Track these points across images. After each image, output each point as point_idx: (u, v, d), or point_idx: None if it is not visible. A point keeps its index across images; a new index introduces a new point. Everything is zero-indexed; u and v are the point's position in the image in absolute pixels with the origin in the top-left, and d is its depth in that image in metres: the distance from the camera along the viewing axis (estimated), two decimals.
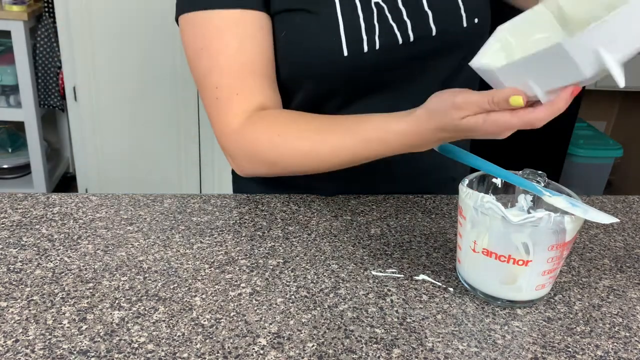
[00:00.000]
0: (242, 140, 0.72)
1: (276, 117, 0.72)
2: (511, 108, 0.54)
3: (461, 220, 0.60)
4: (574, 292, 0.64)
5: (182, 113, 2.07)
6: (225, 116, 0.72)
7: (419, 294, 0.61)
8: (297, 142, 0.70)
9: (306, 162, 0.70)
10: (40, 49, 2.19)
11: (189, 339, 0.53)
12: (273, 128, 0.70)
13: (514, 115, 0.54)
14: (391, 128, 0.64)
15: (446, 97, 0.59)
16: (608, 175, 2.58)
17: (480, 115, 0.56)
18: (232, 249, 0.68)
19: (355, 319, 0.57)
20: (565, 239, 0.55)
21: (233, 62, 0.70)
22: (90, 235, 0.69)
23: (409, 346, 0.53)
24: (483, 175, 0.64)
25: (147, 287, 0.60)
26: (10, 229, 0.70)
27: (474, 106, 0.55)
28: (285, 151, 0.70)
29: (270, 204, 0.80)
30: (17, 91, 2.23)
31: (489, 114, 0.55)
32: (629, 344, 0.56)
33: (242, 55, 0.70)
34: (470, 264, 0.61)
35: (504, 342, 0.55)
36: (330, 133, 0.68)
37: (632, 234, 0.78)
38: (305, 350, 0.52)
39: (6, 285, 0.59)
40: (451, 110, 0.57)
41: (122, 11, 1.93)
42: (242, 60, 0.71)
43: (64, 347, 0.51)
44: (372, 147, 0.66)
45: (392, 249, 0.70)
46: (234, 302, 0.58)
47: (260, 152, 0.71)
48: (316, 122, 0.71)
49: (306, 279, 0.63)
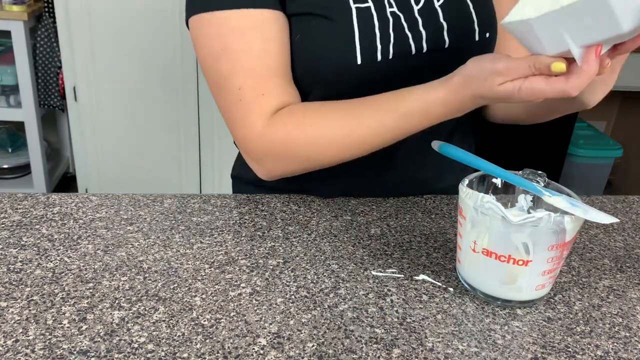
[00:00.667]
0: (272, 141, 0.70)
1: (304, 110, 0.70)
2: (549, 74, 0.55)
3: (461, 220, 0.60)
4: (574, 292, 0.64)
5: (182, 113, 2.07)
6: (249, 118, 0.70)
7: (419, 294, 0.61)
8: (332, 131, 0.68)
9: (344, 150, 0.69)
10: (40, 49, 2.19)
11: (189, 339, 0.53)
12: (304, 120, 0.69)
13: (548, 84, 0.55)
14: (432, 98, 0.64)
15: (486, 64, 0.59)
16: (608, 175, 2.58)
17: (518, 81, 0.57)
18: (232, 249, 0.68)
19: (355, 319, 0.57)
20: (565, 239, 0.55)
21: (257, 64, 0.68)
22: (90, 235, 0.69)
23: (409, 346, 0.53)
24: (483, 175, 0.64)
25: (147, 287, 0.60)
26: (10, 229, 0.70)
27: (515, 72, 0.57)
28: (322, 142, 0.69)
29: (270, 204, 0.80)
30: (17, 91, 2.23)
31: (525, 79, 0.57)
32: (629, 344, 0.56)
33: (265, 56, 0.69)
34: (470, 264, 0.61)
35: (504, 342, 0.55)
36: (367, 116, 0.67)
37: (632, 234, 0.78)
38: (305, 350, 0.52)
39: (6, 285, 0.59)
40: (492, 76, 0.58)
41: (122, 11, 1.94)
42: (266, 62, 0.69)
43: (64, 347, 0.51)
44: (415, 120, 0.66)
45: (392, 249, 0.70)
46: (234, 302, 0.58)
47: (293, 148, 0.69)
48: (348, 108, 0.69)
49: (306, 279, 0.63)
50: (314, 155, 0.70)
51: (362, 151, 0.70)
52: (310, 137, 0.69)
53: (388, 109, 0.66)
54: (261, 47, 0.68)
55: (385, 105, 0.67)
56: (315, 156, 0.70)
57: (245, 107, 0.69)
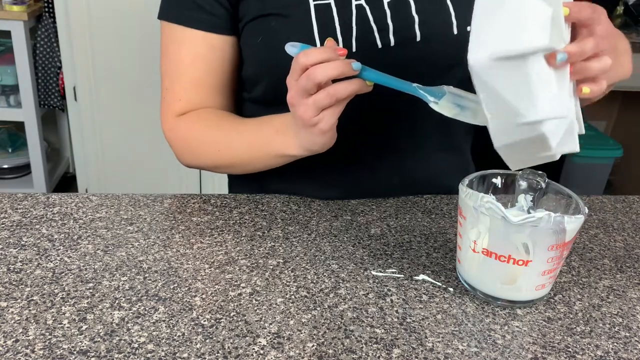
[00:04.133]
0: (176, 132, 0.81)
1: (203, 115, 0.80)
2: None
3: (461, 220, 0.60)
4: (574, 292, 0.64)
5: None
6: (167, 112, 0.81)
7: (419, 294, 0.61)
8: (208, 137, 0.78)
9: (216, 154, 0.78)
10: (40, 49, 2.19)
11: (189, 339, 0.53)
12: (198, 122, 0.79)
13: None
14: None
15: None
16: (608, 175, 2.58)
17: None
18: (232, 249, 0.68)
19: (355, 319, 0.57)
20: (565, 239, 0.55)
21: (183, 74, 0.79)
22: (90, 235, 0.69)
23: (409, 346, 0.53)
24: (483, 175, 0.64)
25: (147, 287, 0.60)
26: (10, 229, 0.70)
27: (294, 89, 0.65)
28: (202, 141, 0.79)
29: (270, 204, 0.80)
30: (17, 91, 2.23)
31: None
32: (629, 344, 0.56)
33: (192, 70, 0.79)
34: (470, 264, 0.61)
35: (504, 342, 0.55)
36: (231, 135, 0.77)
37: (632, 234, 0.78)
38: (305, 350, 0.52)
39: (6, 285, 0.59)
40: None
41: (122, 11, 1.94)
42: (192, 75, 0.79)
43: (64, 347, 0.51)
44: (251, 151, 0.76)
45: (392, 249, 0.70)
46: (234, 302, 0.58)
47: (184, 141, 0.80)
48: (226, 122, 0.78)
49: (306, 279, 0.63)
50: (196, 151, 0.80)
51: (232, 160, 0.78)
52: (196, 135, 0.79)
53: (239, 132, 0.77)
54: (190, 62, 0.78)
55: (240, 129, 0.77)
56: (198, 152, 0.80)
57: (166, 104, 0.81)
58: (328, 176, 0.81)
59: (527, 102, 0.50)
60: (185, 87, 0.79)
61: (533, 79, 0.49)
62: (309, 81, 0.60)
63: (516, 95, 0.51)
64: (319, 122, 0.63)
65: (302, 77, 0.61)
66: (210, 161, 0.80)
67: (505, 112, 0.52)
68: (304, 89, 0.61)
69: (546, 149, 0.53)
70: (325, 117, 0.63)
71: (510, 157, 0.56)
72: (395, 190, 0.83)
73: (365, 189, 0.82)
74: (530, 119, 0.50)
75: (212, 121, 0.79)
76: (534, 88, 0.50)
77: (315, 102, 0.62)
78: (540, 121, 0.50)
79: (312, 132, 0.65)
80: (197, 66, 0.78)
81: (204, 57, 0.78)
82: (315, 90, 0.61)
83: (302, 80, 0.61)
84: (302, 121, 0.64)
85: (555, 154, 0.54)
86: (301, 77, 0.61)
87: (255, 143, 0.74)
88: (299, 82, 0.61)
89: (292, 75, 0.63)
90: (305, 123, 0.64)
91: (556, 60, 0.49)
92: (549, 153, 0.54)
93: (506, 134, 0.54)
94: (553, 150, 0.53)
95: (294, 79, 0.62)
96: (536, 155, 0.55)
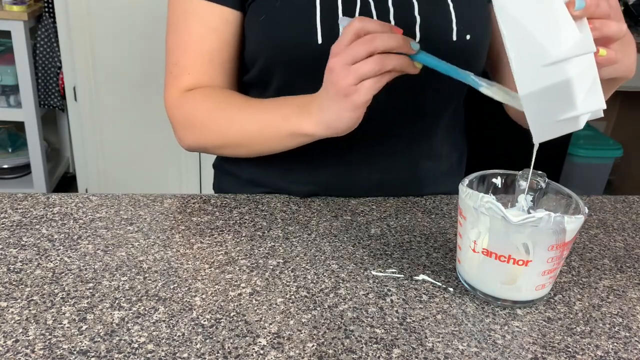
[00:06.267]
0: (182, 109, 0.79)
1: (212, 92, 0.78)
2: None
3: (461, 220, 0.60)
4: (574, 292, 0.64)
5: None
6: (170, 89, 0.79)
7: (419, 294, 0.61)
8: (218, 114, 0.76)
9: (225, 134, 0.76)
10: (40, 49, 2.19)
11: (189, 339, 0.53)
12: (206, 99, 0.77)
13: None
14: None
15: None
16: (608, 175, 2.58)
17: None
18: (232, 249, 0.68)
19: (355, 319, 0.57)
20: (565, 239, 0.55)
21: (196, 47, 0.77)
22: (90, 235, 0.69)
23: (409, 346, 0.53)
24: (483, 175, 0.64)
25: (147, 287, 0.60)
26: (10, 229, 0.70)
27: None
28: (213, 117, 0.76)
29: (270, 204, 0.80)
30: (17, 91, 2.23)
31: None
32: (629, 344, 0.56)
33: (202, 42, 0.77)
34: (470, 264, 0.61)
35: (504, 342, 0.55)
36: (244, 114, 0.75)
37: (632, 234, 0.78)
38: (305, 350, 0.52)
39: (6, 285, 0.59)
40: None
41: (122, 11, 1.94)
42: (206, 48, 0.77)
43: (64, 347, 0.51)
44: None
45: (392, 249, 0.70)
46: (234, 302, 0.58)
47: (191, 119, 0.78)
48: (240, 102, 0.76)
49: (306, 279, 0.63)
50: (203, 128, 0.77)
51: (240, 138, 0.76)
52: (204, 110, 0.77)
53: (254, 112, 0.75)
54: (204, 34, 0.76)
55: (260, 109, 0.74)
56: (205, 129, 0.77)
57: (173, 78, 0.79)
58: (307, 173, 0.82)
59: (554, 38, 0.50)
60: (197, 61, 0.77)
61: (560, 17, 0.50)
62: (365, 47, 0.59)
63: (543, 31, 0.50)
64: (355, 92, 0.62)
65: (358, 42, 0.59)
66: (218, 139, 0.77)
67: (531, 51, 0.51)
68: (353, 55, 0.60)
69: (571, 107, 0.52)
70: (363, 88, 0.61)
71: (535, 118, 0.55)
72: (373, 190, 0.83)
73: (343, 187, 0.82)
74: (556, 56, 0.50)
75: (222, 97, 0.77)
76: (560, 25, 0.50)
77: (359, 68, 0.60)
78: (566, 59, 0.50)
79: (343, 105, 0.63)
80: (211, 39, 0.77)
81: (218, 31, 0.76)
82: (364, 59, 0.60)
83: (357, 45, 0.59)
84: (337, 89, 0.62)
85: (580, 114, 0.53)
86: (356, 42, 0.59)
87: (270, 120, 0.72)
88: (352, 47, 0.60)
89: (340, 41, 0.61)
90: (340, 91, 0.62)
91: (574, 7, 0.50)
92: (574, 113, 0.52)
93: (531, 78, 0.52)
94: (578, 109, 0.52)
95: (344, 44, 0.60)
96: (561, 118, 0.53)
